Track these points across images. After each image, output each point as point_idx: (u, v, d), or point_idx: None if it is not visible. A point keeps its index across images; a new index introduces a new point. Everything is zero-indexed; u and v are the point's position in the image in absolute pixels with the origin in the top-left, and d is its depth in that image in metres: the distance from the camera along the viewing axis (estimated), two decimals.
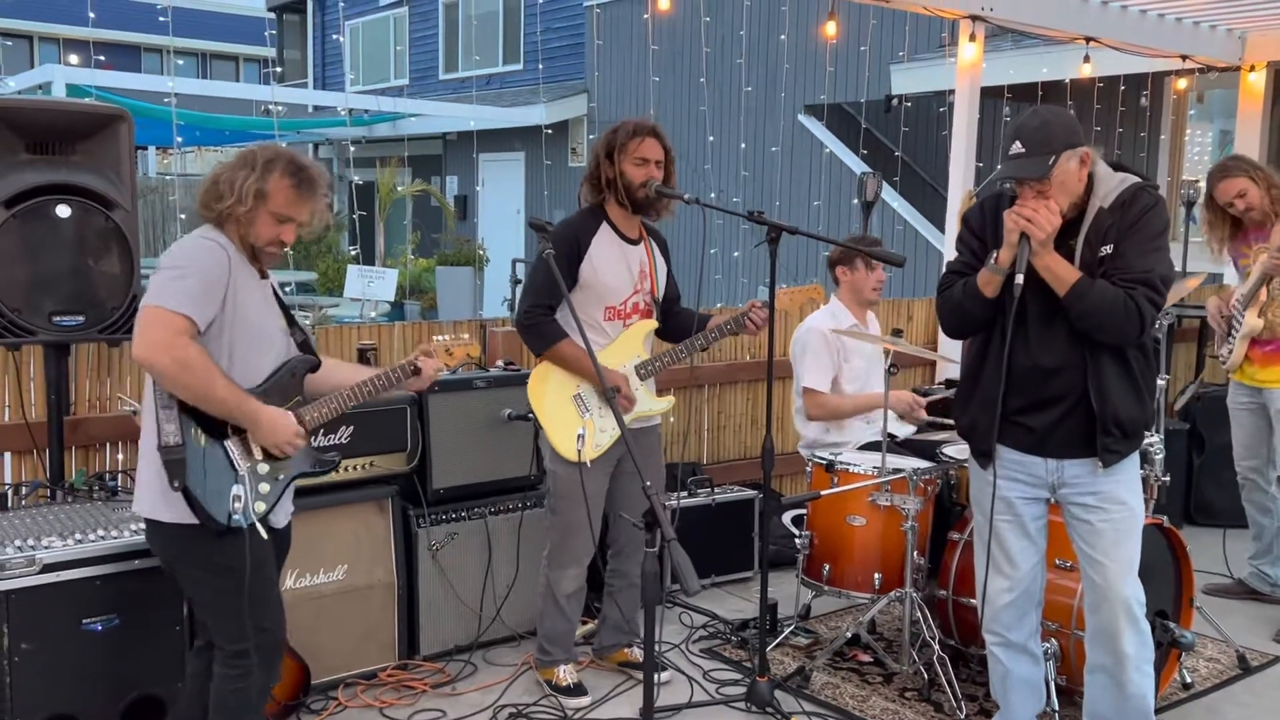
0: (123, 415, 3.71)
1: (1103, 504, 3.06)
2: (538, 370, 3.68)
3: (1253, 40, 6.99)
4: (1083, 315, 2.93)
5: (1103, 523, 3.07)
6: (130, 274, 3.40)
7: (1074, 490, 3.09)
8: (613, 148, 3.60)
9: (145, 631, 3.14)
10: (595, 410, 3.64)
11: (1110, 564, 3.08)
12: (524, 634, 4.18)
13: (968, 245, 3.18)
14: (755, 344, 5.54)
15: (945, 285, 3.21)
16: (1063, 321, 2.99)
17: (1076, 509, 3.11)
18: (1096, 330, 2.95)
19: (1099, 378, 2.99)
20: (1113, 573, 3.08)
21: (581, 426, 3.58)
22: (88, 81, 10.47)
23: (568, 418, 3.62)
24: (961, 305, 3.11)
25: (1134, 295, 2.89)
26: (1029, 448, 3.12)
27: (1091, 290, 2.91)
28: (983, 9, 5.65)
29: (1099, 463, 3.03)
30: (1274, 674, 4.13)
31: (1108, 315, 2.91)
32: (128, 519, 3.21)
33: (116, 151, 3.39)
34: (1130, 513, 3.09)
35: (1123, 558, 3.09)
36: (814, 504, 4.01)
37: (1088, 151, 2.95)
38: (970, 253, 3.16)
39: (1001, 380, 3.04)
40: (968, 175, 5.93)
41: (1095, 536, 3.09)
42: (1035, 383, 3.05)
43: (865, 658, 4.12)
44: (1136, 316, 2.90)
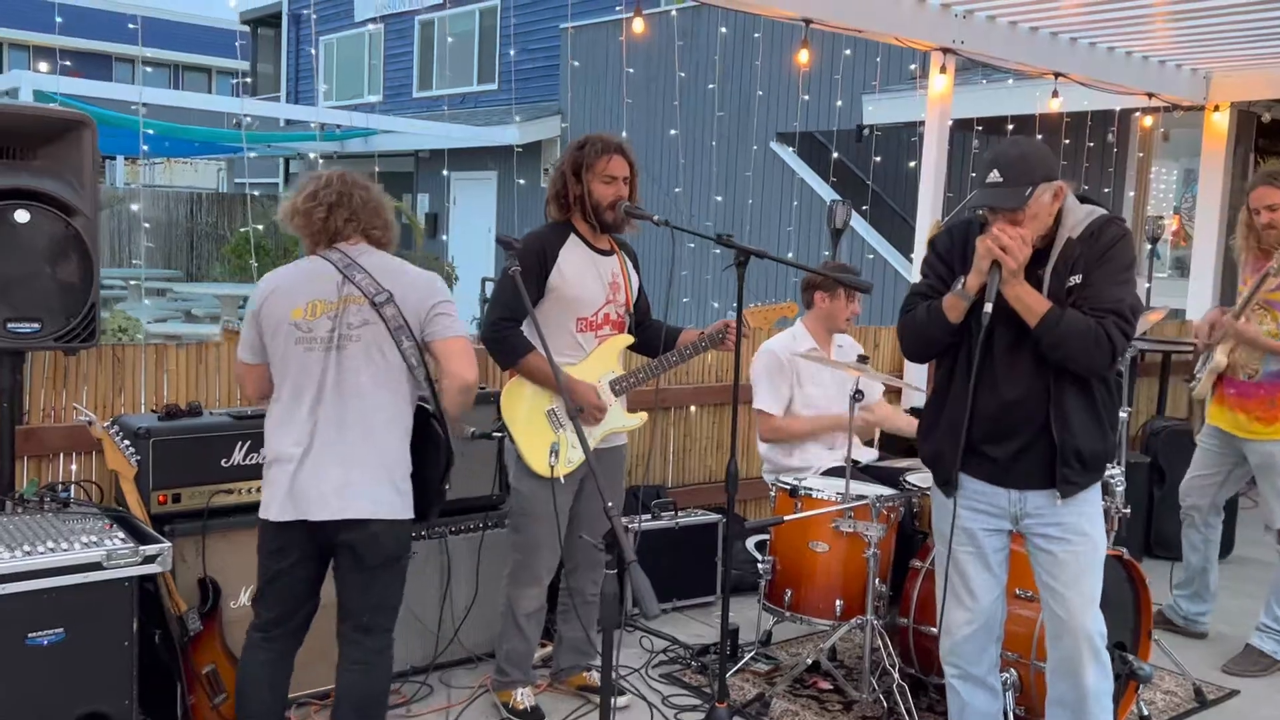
0: (78, 425, 3.64)
1: (1065, 535, 3.06)
2: (511, 385, 3.65)
3: (1217, 80, 7.11)
4: (1054, 345, 2.93)
5: (1065, 553, 3.07)
6: (89, 282, 3.34)
7: (1036, 521, 3.09)
8: (580, 166, 3.59)
9: (93, 647, 3.06)
10: (569, 425, 3.61)
11: (1073, 596, 3.08)
12: (481, 656, 4.13)
13: (934, 269, 3.18)
14: (722, 367, 5.53)
15: (909, 307, 3.18)
16: (1028, 351, 2.99)
17: (1039, 540, 3.10)
18: (1067, 360, 2.95)
19: (1061, 409, 2.99)
20: (1075, 605, 3.08)
21: (555, 441, 3.56)
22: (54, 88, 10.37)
23: (541, 432, 3.59)
24: (924, 328, 3.10)
25: (1104, 324, 2.90)
26: (991, 478, 3.11)
27: (1063, 320, 2.91)
28: (954, 41, 5.71)
29: (1057, 494, 3.04)
30: (1230, 708, 4.15)
31: (1078, 344, 2.91)
32: (79, 531, 3.14)
33: (79, 158, 3.34)
34: (1092, 544, 3.10)
35: (1085, 590, 3.09)
36: (777, 529, 4.00)
37: (1062, 185, 2.98)
38: (936, 277, 3.16)
39: (966, 409, 3.04)
40: (936, 205, 5.97)
41: (1058, 568, 3.08)
42: (998, 412, 3.05)
43: (825, 685, 4.10)
44: (1108, 346, 2.91)
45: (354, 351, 3.00)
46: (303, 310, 3.02)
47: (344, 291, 3.01)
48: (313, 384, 2.99)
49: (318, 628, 3.74)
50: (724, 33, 9.63)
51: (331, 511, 2.96)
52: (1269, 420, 4.48)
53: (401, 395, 3.05)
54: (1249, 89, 7.15)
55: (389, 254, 3.16)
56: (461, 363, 3.00)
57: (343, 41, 20.51)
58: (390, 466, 3.01)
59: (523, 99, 15.69)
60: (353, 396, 2.99)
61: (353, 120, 14.58)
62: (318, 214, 3.07)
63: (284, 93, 22.09)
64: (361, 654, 3.09)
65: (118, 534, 3.18)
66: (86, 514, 3.32)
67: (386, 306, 2.99)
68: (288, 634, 3.16)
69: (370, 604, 3.08)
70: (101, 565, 3.03)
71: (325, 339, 3.00)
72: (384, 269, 3.07)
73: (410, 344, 3.01)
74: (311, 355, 3.00)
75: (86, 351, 3.70)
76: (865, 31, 5.60)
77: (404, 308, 3.01)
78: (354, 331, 3.00)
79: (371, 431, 2.99)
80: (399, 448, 3.04)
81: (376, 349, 3.00)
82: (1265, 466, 4.53)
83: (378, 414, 3.00)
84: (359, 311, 3.00)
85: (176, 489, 3.55)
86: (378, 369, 3.00)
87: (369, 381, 3.00)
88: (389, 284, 3.02)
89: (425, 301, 3.03)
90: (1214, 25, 5.84)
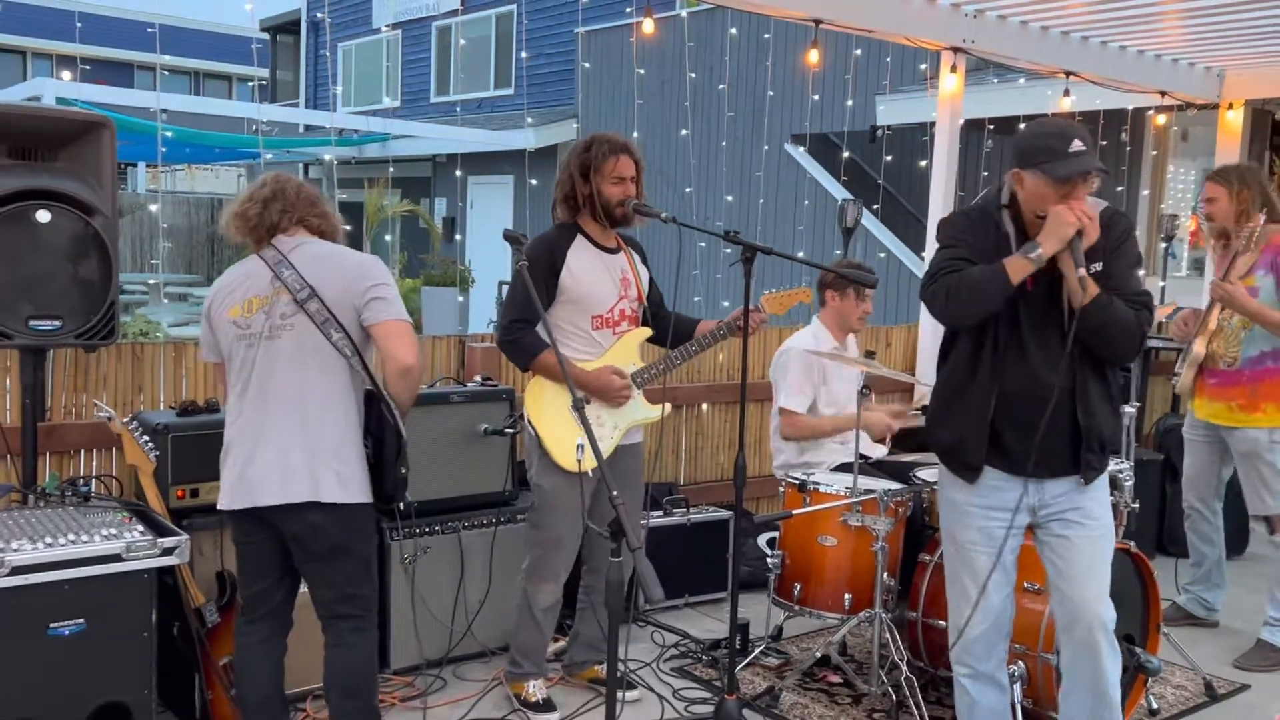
0: (98, 422, 3.71)
1: (1082, 519, 3.08)
2: (533, 384, 3.70)
3: (1230, 78, 7.09)
4: (1098, 329, 2.93)
5: (1081, 538, 3.08)
6: (109, 280, 3.41)
7: (1054, 509, 3.09)
8: (588, 167, 3.63)
9: (113, 637, 3.12)
10: (593, 420, 3.65)
11: (1087, 582, 3.08)
12: (494, 650, 4.18)
13: (962, 242, 3.07)
14: (733, 365, 5.57)
15: (947, 269, 3.03)
16: (1055, 335, 2.99)
17: (1056, 525, 3.09)
18: (1103, 346, 2.97)
19: (1086, 394, 3.01)
20: (1090, 592, 3.08)
21: (581, 436, 3.59)
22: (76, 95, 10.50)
23: (567, 428, 3.62)
24: (982, 287, 2.94)
25: (1140, 316, 2.96)
26: (1009, 468, 3.07)
27: (1112, 305, 2.93)
28: (964, 41, 5.72)
29: (1080, 480, 3.05)
30: (1241, 702, 4.16)
31: (1120, 332, 2.95)
32: (99, 524, 3.20)
33: (98, 159, 3.41)
34: (1106, 529, 3.13)
35: (1099, 576, 3.10)
36: (786, 524, 4.03)
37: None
38: (969, 248, 3.06)
39: (992, 393, 3.01)
40: (948, 204, 5.98)
41: (1074, 553, 3.08)
42: (1026, 397, 3.01)
43: (835, 679, 4.13)
44: (1140, 336, 2.98)
45: (287, 340, 3.04)
46: (239, 308, 3.11)
47: (275, 286, 3.07)
48: (252, 375, 3.07)
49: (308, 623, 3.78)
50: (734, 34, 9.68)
51: (272, 497, 3.02)
52: (1251, 408, 4.53)
53: (339, 382, 3.05)
54: (1263, 86, 7.12)
55: (329, 242, 3.17)
56: (397, 345, 3.00)
57: (361, 48, 20.65)
58: (328, 452, 3.02)
59: (538, 103, 15.77)
60: (285, 384, 3.04)
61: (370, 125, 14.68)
62: (252, 211, 3.14)
63: (303, 99, 22.26)
64: (337, 637, 3.15)
65: (137, 527, 3.24)
66: (106, 508, 3.38)
67: (309, 303, 3.02)
68: (270, 614, 3.22)
69: (332, 595, 3.12)
70: (121, 557, 3.09)
71: (260, 332, 3.07)
72: (315, 258, 3.08)
73: (340, 335, 3.02)
74: (252, 350, 3.08)
75: (106, 350, 3.78)
76: (875, 31, 5.61)
77: (330, 301, 3.02)
78: (286, 321, 3.05)
79: (307, 418, 3.02)
80: (339, 434, 3.04)
81: (309, 336, 3.03)
82: (1249, 454, 4.56)
83: (313, 401, 3.03)
84: (289, 302, 3.05)
85: (194, 484, 3.62)
86: (309, 355, 3.04)
87: (301, 368, 3.03)
88: (315, 276, 3.03)
89: (355, 286, 3.03)
90: (1226, 22, 5.82)
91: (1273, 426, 4.52)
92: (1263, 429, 4.51)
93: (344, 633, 3.15)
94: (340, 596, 3.13)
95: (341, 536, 3.07)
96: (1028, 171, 2.97)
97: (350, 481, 3.05)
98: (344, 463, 3.05)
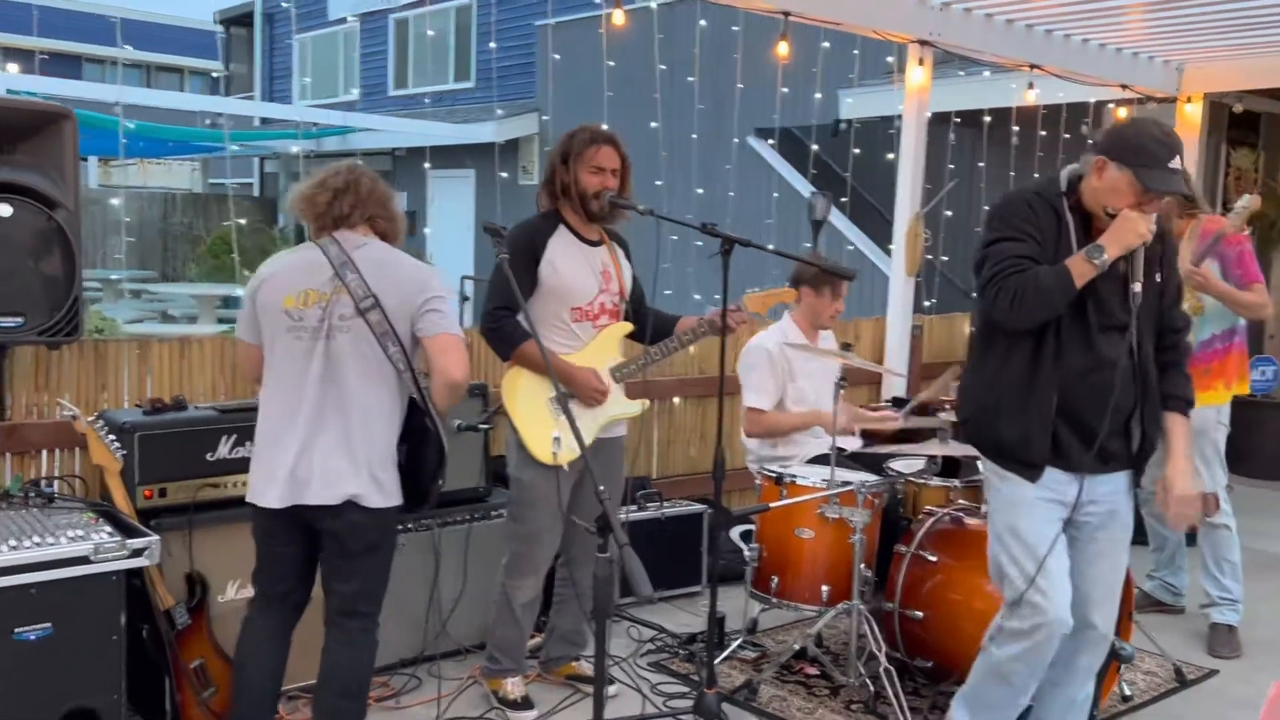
0: (61, 421, 3.62)
1: (1119, 526, 3.09)
2: (510, 374, 3.66)
3: (1189, 72, 7.17)
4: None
5: (1109, 542, 3.09)
6: (72, 275, 3.33)
7: (1096, 507, 3.05)
8: (569, 154, 3.60)
9: (81, 641, 3.05)
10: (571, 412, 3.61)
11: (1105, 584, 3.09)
12: (470, 648, 4.14)
13: (1027, 235, 2.96)
14: (705, 359, 5.56)
15: (1016, 268, 2.90)
16: (1119, 334, 2.96)
17: (1090, 527, 3.06)
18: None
19: (1147, 395, 3.02)
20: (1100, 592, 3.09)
21: (557, 429, 3.56)
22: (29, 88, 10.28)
23: (542, 420, 3.59)
24: (1053, 293, 2.87)
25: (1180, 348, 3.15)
26: (1068, 465, 3.00)
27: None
28: (931, 34, 5.74)
29: (1129, 479, 3.07)
30: (1209, 687, 4.21)
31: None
32: (65, 525, 3.13)
33: (60, 151, 3.32)
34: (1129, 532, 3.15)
35: (1118, 581, 3.14)
36: (763, 517, 4.02)
37: None
38: (1035, 242, 2.95)
39: (1055, 389, 2.95)
40: (915, 198, 6.01)
41: (1103, 559, 3.09)
42: (1092, 397, 2.96)
43: (812, 671, 4.13)
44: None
45: (342, 342, 3.01)
46: (295, 299, 3.05)
47: (336, 284, 3.03)
48: (300, 371, 3.03)
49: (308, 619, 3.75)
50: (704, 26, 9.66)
51: (311, 497, 3.00)
52: (1203, 386, 4.58)
53: (388, 389, 3.06)
54: (1221, 80, 7.21)
55: (390, 246, 3.16)
56: (449, 360, 2.98)
57: (317, 40, 20.41)
58: (371, 457, 3.02)
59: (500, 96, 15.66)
60: (337, 386, 3.01)
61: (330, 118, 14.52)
62: (321, 198, 3.11)
63: (258, 92, 21.97)
64: (344, 634, 3.13)
65: (104, 528, 3.17)
66: (72, 509, 3.31)
67: (371, 313, 3.00)
68: (286, 610, 3.23)
69: (353, 590, 3.11)
70: (89, 559, 3.03)
71: (315, 328, 3.02)
72: (378, 265, 3.06)
73: (396, 349, 3.01)
74: (300, 344, 3.03)
75: (69, 347, 3.68)
76: (843, 24, 5.62)
77: (390, 311, 3.01)
78: (344, 323, 3.02)
79: (353, 421, 3.01)
80: (382, 439, 3.05)
81: (365, 342, 3.01)
82: (1197, 431, 4.60)
83: (361, 405, 3.01)
84: (350, 306, 3.02)
85: (162, 483, 3.55)
86: (364, 361, 3.02)
87: (355, 373, 3.02)
88: (378, 285, 3.02)
89: (415, 299, 3.02)
90: (1186, 17, 5.90)
91: (1221, 404, 4.64)
92: (1212, 407, 4.62)
93: (353, 631, 3.13)
94: (360, 592, 3.12)
95: (378, 537, 3.09)
96: (1117, 165, 2.89)
97: (387, 486, 3.06)
98: (383, 468, 3.05)
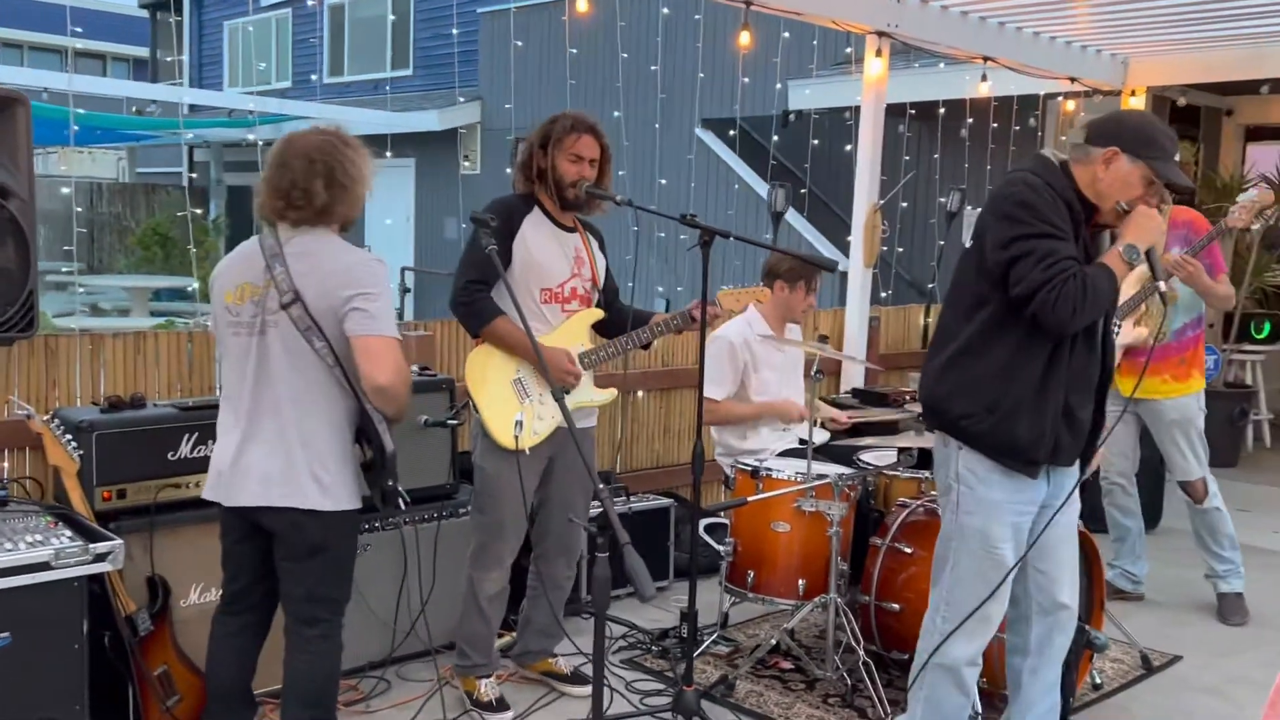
0: (13, 420, 3.46)
1: (1072, 505, 3.11)
2: (476, 353, 3.57)
3: (1134, 66, 7.29)
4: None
5: (1068, 526, 3.11)
6: (26, 268, 3.18)
7: (1056, 497, 3.07)
8: (548, 139, 3.52)
9: (42, 651, 2.92)
10: (535, 396, 3.54)
11: (1071, 565, 3.12)
12: (440, 648, 4.05)
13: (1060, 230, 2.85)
14: (668, 352, 5.51)
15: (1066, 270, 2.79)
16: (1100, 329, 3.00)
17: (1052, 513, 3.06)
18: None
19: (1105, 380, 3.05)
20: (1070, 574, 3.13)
21: (520, 412, 3.48)
22: None
23: (506, 403, 3.51)
24: (1106, 296, 2.84)
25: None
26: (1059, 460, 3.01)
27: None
28: (888, 25, 5.76)
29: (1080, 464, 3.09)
30: (1175, 673, 4.28)
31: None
32: (22, 530, 2.99)
33: (13, 138, 3.16)
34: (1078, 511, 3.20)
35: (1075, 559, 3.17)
36: (738, 511, 3.99)
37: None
38: (1070, 239, 2.87)
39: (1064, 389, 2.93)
40: (873, 189, 6.02)
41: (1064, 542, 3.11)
42: (1086, 392, 3.00)
43: (786, 664, 4.11)
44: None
45: (273, 338, 2.90)
46: (234, 294, 2.96)
47: (267, 278, 2.90)
48: (240, 369, 2.95)
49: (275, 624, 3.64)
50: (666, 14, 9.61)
51: (248, 498, 2.92)
52: (1182, 376, 4.70)
53: (321, 385, 2.90)
54: (1164, 74, 7.35)
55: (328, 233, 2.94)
56: (371, 364, 2.80)
57: (248, 25, 19.95)
58: (310, 456, 2.89)
59: (440, 85, 15.45)
60: (270, 383, 2.91)
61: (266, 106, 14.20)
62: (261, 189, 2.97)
63: (186, 79, 21.41)
64: (302, 642, 3.03)
65: (64, 532, 3.04)
66: (28, 512, 3.17)
67: (293, 307, 2.85)
68: (250, 608, 3.13)
69: (303, 594, 3.01)
70: (50, 565, 2.91)
71: (249, 324, 2.93)
72: (304, 256, 2.88)
73: (323, 344, 2.86)
74: (239, 340, 2.95)
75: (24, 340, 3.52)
76: (804, 14, 5.60)
77: (311, 305, 2.85)
78: (273, 318, 2.90)
79: (289, 420, 2.89)
80: (322, 437, 2.91)
81: (292, 337, 2.88)
82: (1180, 421, 4.71)
83: (296, 403, 2.89)
84: (277, 298, 2.89)
85: (121, 484, 3.41)
86: (295, 357, 2.89)
87: (287, 369, 2.90)
88: (301, 277, 2.86)
89: (337, 294, 2.83)
90: (1132, 10, 5.99)
91: (1198, 392, 4.73)
92: (1193, 395, 4.71)
93: (309, 639, 3.02)
94: (310, 597, 3.01)
95: (320, 537, 2.95)
96: (1130, 157, 2.86)
97: (334, 488, 2.92)
98: (327, 469, 2.91)
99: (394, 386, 2.83)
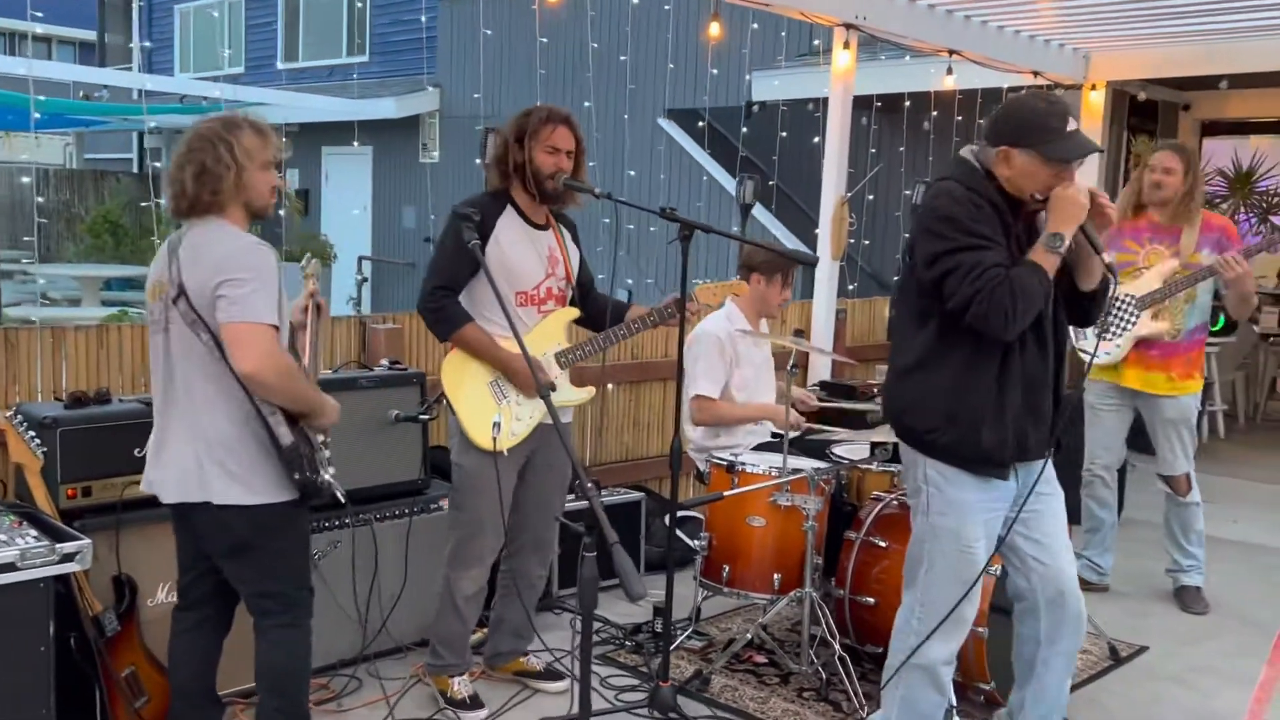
0: None
1: (1050, 489, 3.10)
2: (451, 355, 3.53)
3: (1095, 60, 7.36)
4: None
5: (1054, 506, 3.10)
6: None
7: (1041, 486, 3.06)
8: (524, 132, 3.48)
9: (7, 654, 2.85)
10: (512, 397, 3.51)
11: (1066, 549, 3.12)
12: (411, 645, 4.01)
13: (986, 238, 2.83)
14: (638, 345, 5.48)
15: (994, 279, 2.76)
16: (1047, 321, 2.95)
17: (1030, 500, 3.03)
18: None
19: (1060, 361, 3.03)
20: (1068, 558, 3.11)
21: (498, 414, 3.44)
22: None
23: (483, 404, 3.48)
24: (1038, 296, 2.80)
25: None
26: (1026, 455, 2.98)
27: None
28: (856, 17, 5.76)
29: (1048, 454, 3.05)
30: (1141, 663, 4.33)
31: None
32: None
33: None
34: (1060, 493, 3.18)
35: (1067, 540, 3.16)
36: (713, 506, 3.98)
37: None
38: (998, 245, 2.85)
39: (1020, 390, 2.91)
40: (841, 181, 6.02)
41: (1050, 523, 3.09)
42: (1043, 385, 2.96)
43: (760, 659, 4.11)
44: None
45: (174, 334, 2.86)
46: (151, 292, 2.94)
47: (169, 274, 2.85)
48: (155, 366, 2.94)
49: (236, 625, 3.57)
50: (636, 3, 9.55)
51: (170, 495, 2.90)
52: (1186, 375, 4.76)
53: (215, 378, 2.82)
54: (1125, 68, 7.43)
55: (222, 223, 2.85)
56: (235, 352, 2.72)
57: (199, 10, 19.60)
58: (215, 450, 2.82)
59: (398, 71, 15.26)
60: (173, 380, 2.88)
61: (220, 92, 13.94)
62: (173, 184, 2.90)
63: (136, 64, 20.98)
64: (261, 633, 3.02)
65: (29, 532, 2.97)
66: None
67: (179, 302, 2.80)
68: (203, 602, 3.09)
69: (247, 590, 2.99)
70: (16, 566, 2.84)
71: (158, 321, 2.90)
72: (192, 248, 2.82)
73: (208, 336, 2.80)
74: (154, 338, 2.93)
75: None
76: (772, 6, 5.59)
77: (193, 297, 2.79)
78: (172, 314, 2.85)
79: (192, 415, 2.85)
80: (224, 430, 2.82)
81: (184, 334, 2.84)
82: (1176, 419, 4.78)
83: (198, 397, 2.84)
84: (172, 293, 2.85)
85: (86, 481, 3.33)
86: (189, 351, 2.84)
87: (185, 364, 2.85)
88: (186, 273, 2.79)
89: (209, 282, 2.75)
90: (1094, 5, 6.04)
91: (1198, 392, 4.81)
92: (1193, 395, 4.79)
93: (268, 630, 2.99)
94: (255, 593, 2.98)
95: (244, 534, 2.88)
96: (1020, 151, 2.83)
97: (249, 480, 2.84)
98: (239, 462, 2.83)
99: (260, 374, 2.71)
